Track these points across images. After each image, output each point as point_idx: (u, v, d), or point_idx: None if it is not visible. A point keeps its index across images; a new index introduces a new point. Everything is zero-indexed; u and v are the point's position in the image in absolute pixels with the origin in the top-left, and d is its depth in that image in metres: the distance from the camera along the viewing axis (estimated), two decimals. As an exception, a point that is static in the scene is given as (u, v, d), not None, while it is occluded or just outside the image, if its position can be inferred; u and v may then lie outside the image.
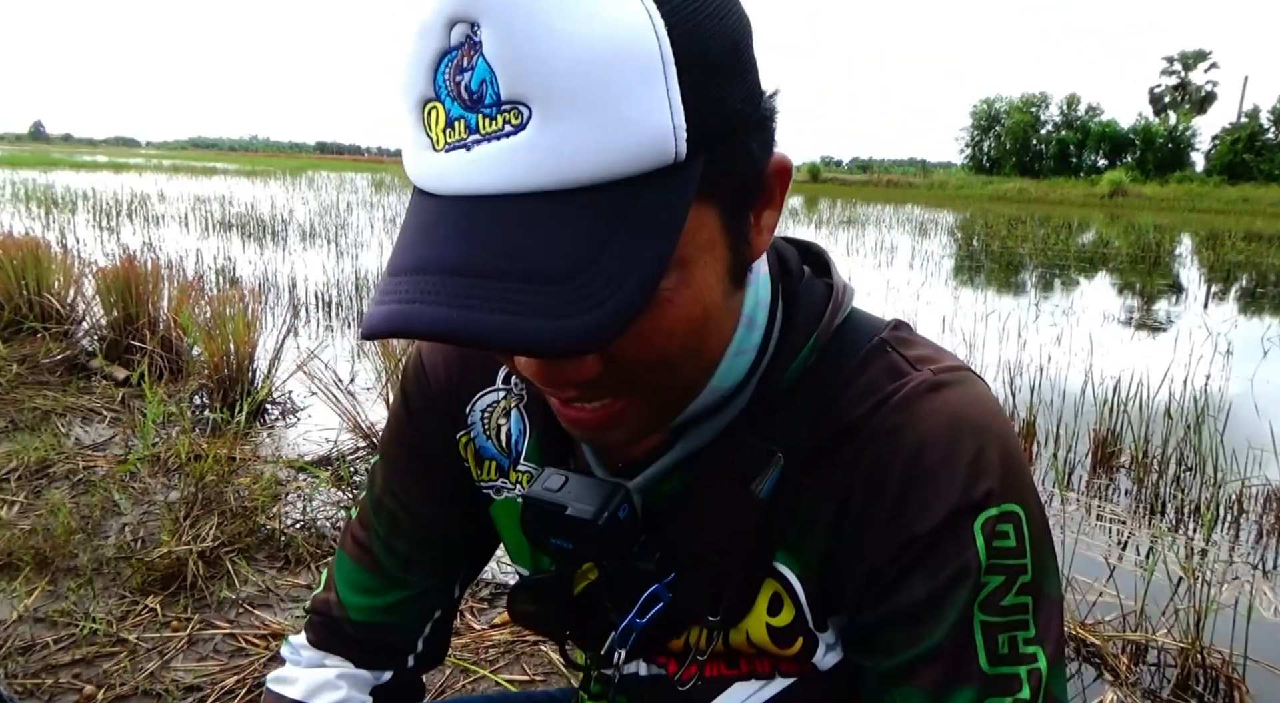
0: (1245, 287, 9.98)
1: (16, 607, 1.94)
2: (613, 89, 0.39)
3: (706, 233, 0.46)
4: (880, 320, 0.61)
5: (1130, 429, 3.38)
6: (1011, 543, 0.52)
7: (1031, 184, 47.38)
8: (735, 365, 0.55)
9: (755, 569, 0.57)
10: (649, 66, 0.40)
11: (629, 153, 0.40)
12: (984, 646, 0.52)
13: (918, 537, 0.52)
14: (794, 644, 0.59)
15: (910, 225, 17.36)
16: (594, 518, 0.55)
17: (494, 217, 0.41)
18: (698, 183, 0.43)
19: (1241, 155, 49.13)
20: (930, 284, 8.57)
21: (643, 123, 0.40)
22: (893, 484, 0.53)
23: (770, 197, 0.50)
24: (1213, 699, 1.86)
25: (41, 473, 2.71)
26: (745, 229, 0.49)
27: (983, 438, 0.52)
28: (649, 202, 0.41)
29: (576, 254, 0.40)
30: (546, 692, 0.90)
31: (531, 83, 0.39)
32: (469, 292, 0.40)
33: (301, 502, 2.59)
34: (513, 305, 0.40)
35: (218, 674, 1.76)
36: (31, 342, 4.15)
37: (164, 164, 43.90)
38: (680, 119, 0.41)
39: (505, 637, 1.94)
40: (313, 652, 0.75)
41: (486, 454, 0.70)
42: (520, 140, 0.40)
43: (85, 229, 10.53)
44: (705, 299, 0.47)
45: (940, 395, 0.54)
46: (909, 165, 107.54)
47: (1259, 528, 2.85)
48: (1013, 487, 0.53)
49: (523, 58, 0.39)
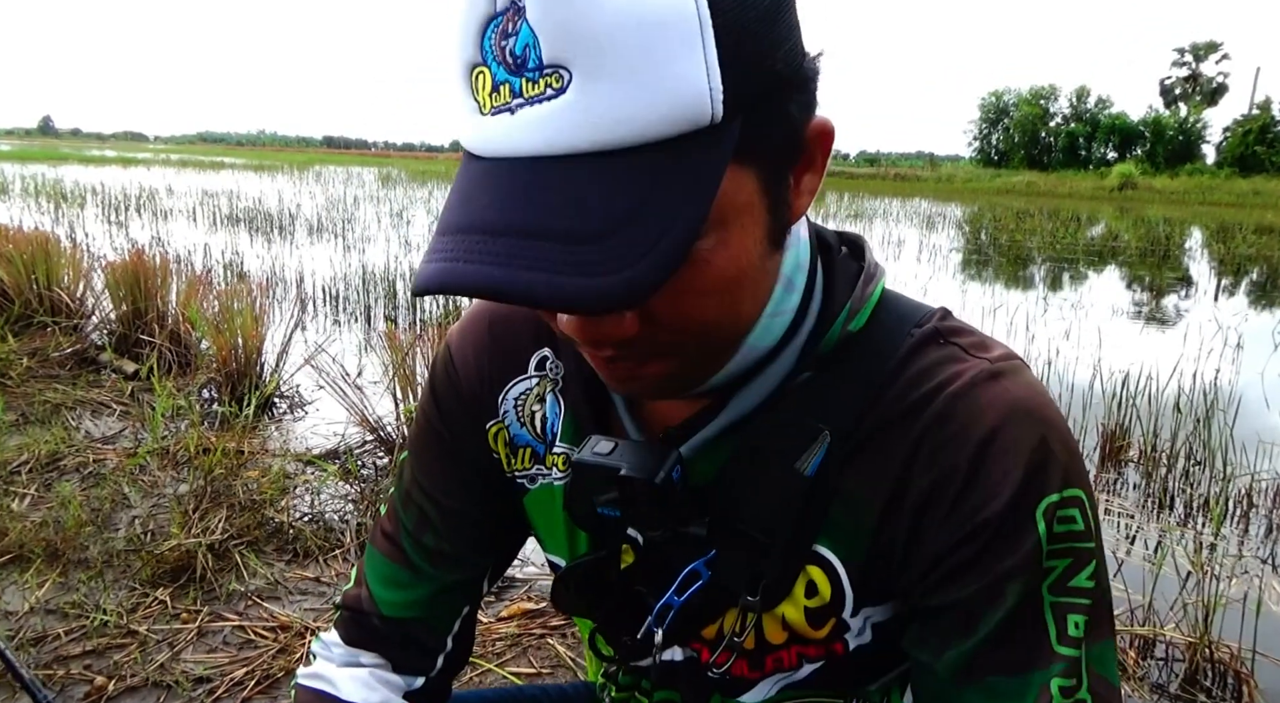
0: (1256, 280, 9.91)
1: (28, 599, 1.96)
2: (650, 51, 0.40)
3: (745, 195, 0.46)
4: (924, 305, 0.61)
5: (1139, 423, 3.37)
6: (1079, 527, 0.53)
7: (1040, 177, 47.09)
8: (773, 325, 0.56)
9: (797, 550, 0.57)
10: (687, 29, 0.40)
11: (666, 115, 0.41)
12: (1055, 626, 0.52)
13: (981, 525, 0.52)
14: (825, 627, 0.59)
15: (918, 219, 17.29)
16: (650, 478, 0.55)
17: (536, 177, 0.42)
18: (735, 145, 0.43)
19: (1253, 147, 48.70)
20: (938, 278, 8.55)
21: (679, 85, 0.41)
22: (957, 472, 0.53)
23: (811, 159, 0.50)
24: (1221, 694, 1.86)
25: (52, 466, 2.73)
26: (785, 191, 0.49)
27: (1045, 426, 0.53)
28: (685, 163, 0.42)
29: (613, 214, 0.41)
30: (559, 685, 0.90)
31: (571, 46, 0.40)
32: (511, 250, 0.42)
33: (309, 495, 2.60)
34: (551, 263, 0.41)
35: (227, 666, 1.77)
36: (41, 336, 4.17)
37: (172, 158, 44.01)
38: (717, 81, 0.41)
39: (512, 630, 1.95)
40: (345, 649, 0.74)
41: (521, 442, 0.69)
42: (561, 103, 0.41)
43: (94, 223, 10.57)
44: (742, 260, 0.48)
45: (1000, 384, 0.54)
46: (916, 158, 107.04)
47: (1269, 522, 2.83)
48: (1075, 472, 0.53)
49: (563, 22, 0.40)
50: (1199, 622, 1.93)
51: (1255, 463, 3.08)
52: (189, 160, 41.57)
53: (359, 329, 5.36)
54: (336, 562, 2.24)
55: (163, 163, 36.69)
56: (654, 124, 0.41)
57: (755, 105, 0.44)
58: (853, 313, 0.57)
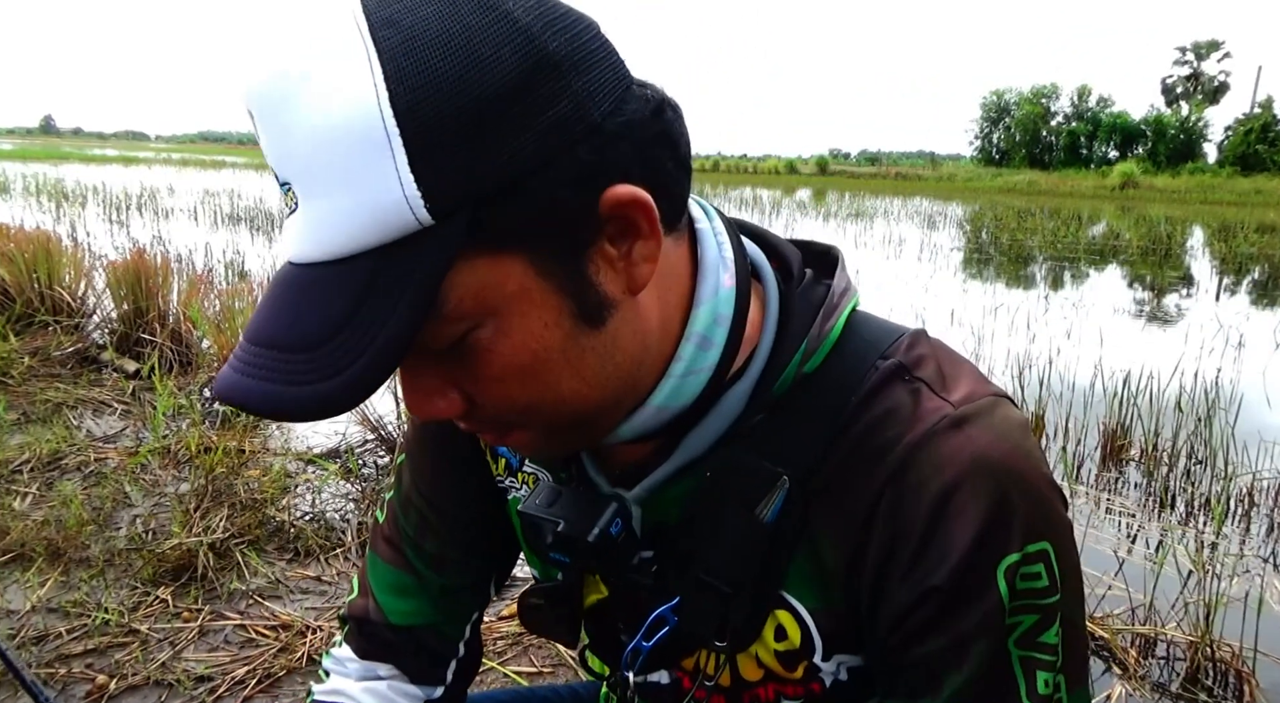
0: (1258, 279, 9.91)
1: (30, 597, 1.96)
2: (343, 167, 0.42)
3: (514, 283, 0.46)
4: (895, 329, 0.58)
5: (1140, 422, 3.36)
6: (1043, 583, 0.51)
7: (1041, 176, 47.06)
8: (686, 385, 0.54)
9: (762, 597, 0.57)
10: (375, 143, 0.41)
11: (372, 225, 0.42)
12: (1024, 682, 0.51)
13: (939, 587, 0.51)
14: (798, 669, 0.59)
15: (919, 218, 17.28)
16: (584, 535, 0.56)
17: (287, 285, 0.45)
18: (462, 242, 0.43)
19: (1255, 146, 48.60)
20: (939, 277, 8.54)
21: (377, 197, 0.42)
22: (914, 530, 0.51)
23: (629, 229, 0.48)
24: (1222, 693, 1.86)
25: (53, 465, 2.73)
26: (584, 270, 0.48)
27: (1007, 479, 0.51)
28: (399, 267, 0.43)
29: (327, 321, 0.43)
30: (570, 686, 0.89)
31: (287, 167, 0.43)
32: (255, 360, 0.45)
33: (310, 494, 2.60)
34: (276, 373, 0.44)
35: (228, 665, 1.78)
36: (43, 335, 4.17)
37: (173, 157, 44.03)
38: (413, 190, 0.41)
39: (513, 629, 1.95)
40: (360, 663, 0.73)
41: (499, 452, 0.70)
42: (297, 217, 0.44)
43: (95, 222, 10.58)
44: (532, 345, 0.47)
45: (963, 433, 0.52)
46: (918, 157, 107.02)
47: (1270, 521, 2.83)
48: (1038, 525, 0.51)
49: (276, 145, 0.43)
50: (1200, 621, 1.93)
51: (1256, 462, 3.08)
52: (190, 159, 41.59)
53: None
54: (338, 561, 2.24)
55: (164, 162, 36.71)
56: (364, 233, 0.42)
57: (491, 198, 0.43)
58: (808, 354, 0.55)
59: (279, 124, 0.43)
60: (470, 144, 0.42)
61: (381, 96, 0.41)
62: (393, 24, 0.42)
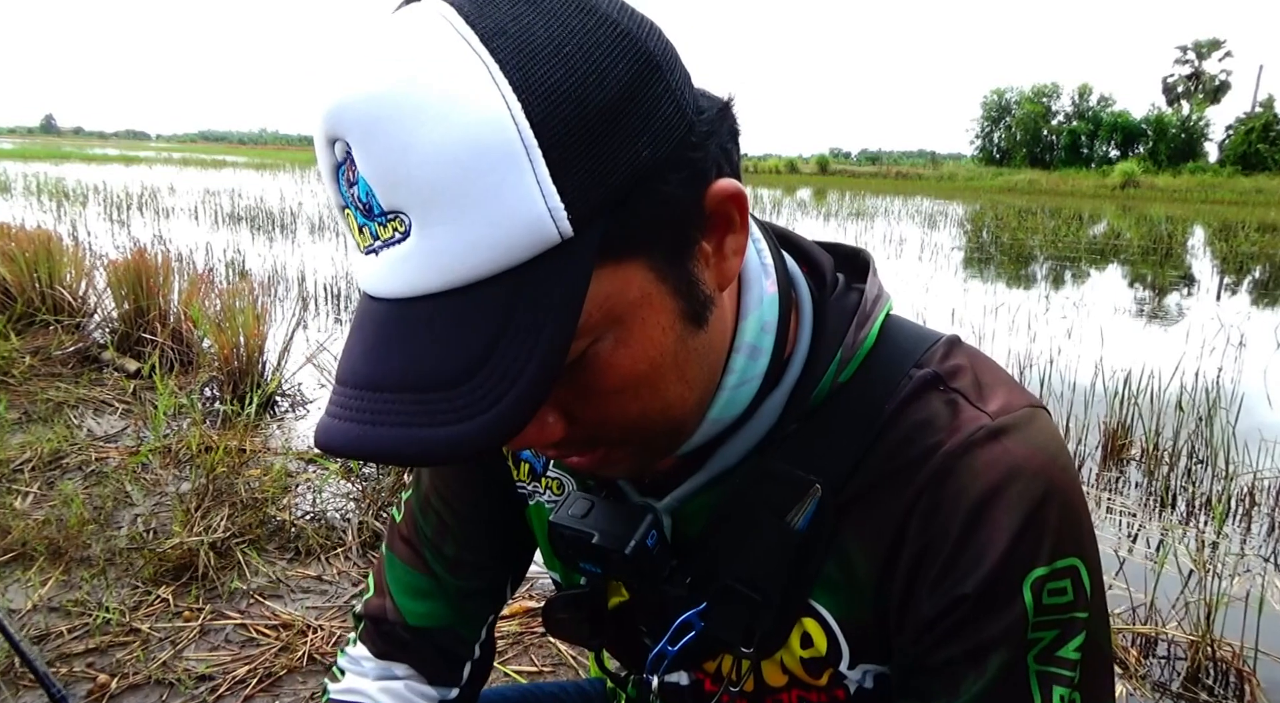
0: (1258, 278, 9.90)
1: (31, 596, 1.96)
2: (477, 186, 0.39)
3: (635, 289, 0.45)
4: (929, 335, 0.58)
5: (1141, 422, 3.36)
6: (1069, 598, 0.51)
7: (1042, 175, 47.02)
8: (738, 396, 0.54)
9: (791, 604, 0.56)
10: (510, 155, 0.39)
11: (509, 244, 0.40)
12: (1040, 696, 0.51)
13: (965, 596, 0.51)
14: (823, 676, 0.59)
15: (919, 217, 17.27)
16: (621, 548, 0.55)
17: (397, 322, 0.42)
18: (596, 252, 0.42)
19: (1256, 145, 48.55)
20: (939, 276, 8.54)
21: (516, 213, 0.39)
22: (948, 539, 0.51)
23: (725, 223, 0.48)
24: (1223, 692, 1.86)
25: (54, 464, 2.74)
26: (691, 269, 0.47)
27: (1042, 492, 0.51)
28: (540, 287, 0.41)
29: (469, 355, 0.41)
30: (574, 682, 0.89)
31: (401, 194, 0.40)
32: (376, 406, 0.41)
33: (311, 494, 2.60)
34: (409, 417, 0.41)
35: (229, 664, 1.78)
36: (44, 334, 4.17)
37: (174, 157, 44.03)
38: (555, 201, 0.40)
39: (514, 628, 1.95)
40: (377, 663, 0.72)
41: (523, 456, 0.70)
42: (407, 247, 0.41)
43: (96, 222, 10.58)
44: (651, 352, 0.46)
45: (999, 444, 0.51)
46: (918, 157, 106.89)
47: (1271, 521, 2.83)
48: (1069, 540, 0.51)
49: (388, 171, 0.39)
50: (1201, 620, 1.93)
51: (1257, 461, 3.08)
52: (191, 159, 41.59)
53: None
54: (338, 560, 2.24)
55: (164, 161, 36.72)
56: (499, 256, 0.40)
57: (619, 204, 0.42)
58: (843, 363, 0.55)
59: (390, 148, 0.39)
60: (599, 150, 0.41)
61: (514, 108, 0.39)
62: (503, 33, 0.40)
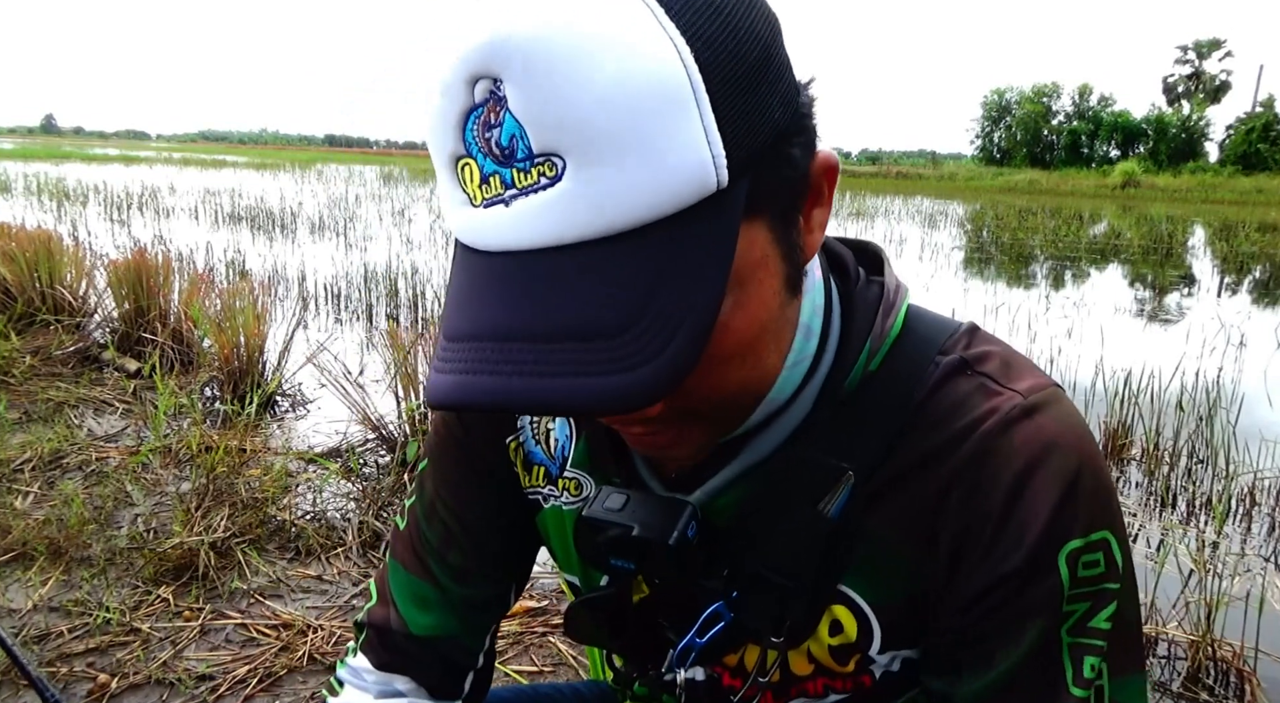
0: (1259, 278, 9.90)
1: (31, 596, 1.96)
2: (645, 128, 0.38)
3: (758, 250, 0.44)
4: (948, 323, 0.59)
5: (1141, 421, 3.36)
6: (1101, 570, 0.52)
7: (1042, 175, 47.00)
8: (792, 375, 0.54)
9: (822, 592, 0.56)
10: (680, 99, 0.38)
11: (670, 190, 0.39)
12: (1071, 668, 0.52)
13: (1009, 572, 0.51)
14: (850, 662, 0.59)
15: (920, 217, 17.26)
16: (664, 539, 0.54)
17: (542, 273, 0.40)
18: (744, 204, 0.41)
19: (1256, 145, 48.53)
20: (940, 276, 8.54)
21: (681, 158, 0.39)
22: (989, 518, 0.52)
23: (819, 195, 0.49)
24: (1224, 692, 1.86)
25: (55, 464, 2.74)
26: (796, 235, 0.48)
27: (1076, 466, 0.51)
28: (696, 236, 0.40)
29: (629, 303, 0.40)
30: (571, 684, 0.89)
31: (562, 134, 0.38)
32: (528, 357, 0.40)
33: (312, 493, 2.60)
34: (573, 366, 0.39)
35: (229, 664, 1.78)
36: (44, 334, 4.18)
37: (174, 156, 44.03)
38: (719, 147, 0.39)
39: (514, 628, 1.95)
40: (379, 675, 0.70)
41: (535, 460, 0.68)
42: (557, 192, 0.39)
43: (97, 221, 10.58)
44: (762, 315, 0.46)
45: (1034, 421, 0.52)
46: (918, 156, 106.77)
47: (1271, 521, 2.83)
48: (1102, 513, 0.52)
49: (550, 110, 0.38)
50: (1201, 620, 1.93)
51: (1258, 461, 3.08)
52: (191, 158, 41.59)
53: (361, 327, 5.36)
54: (339, 560, 2.24)
55: (165, 161, 36.72)
56: (659, 201, 0.39)
57: (760, 159, 0.42)
58: (873, 351, 0.56)
59: (554, 84, 0.38)
60: (751, 104, 0.41)
61: (684, 52, 0.38)
62: None
